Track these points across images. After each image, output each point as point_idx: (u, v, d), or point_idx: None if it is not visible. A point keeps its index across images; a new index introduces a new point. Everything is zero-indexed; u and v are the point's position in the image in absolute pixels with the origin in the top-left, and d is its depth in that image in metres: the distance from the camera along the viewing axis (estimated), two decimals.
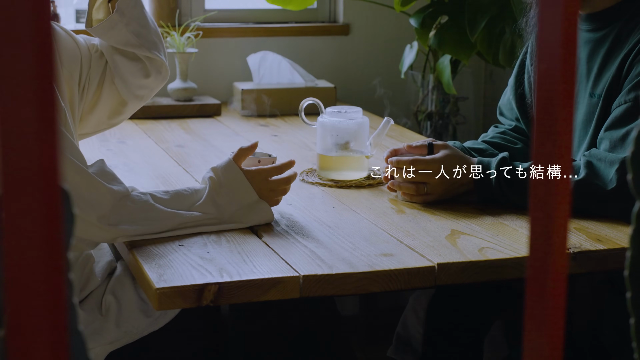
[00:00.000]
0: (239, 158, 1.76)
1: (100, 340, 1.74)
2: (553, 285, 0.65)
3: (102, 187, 1.62)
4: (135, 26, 1.88)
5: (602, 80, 1.90)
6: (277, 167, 1.78)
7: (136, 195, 1.66)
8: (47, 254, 0.55)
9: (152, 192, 1.69)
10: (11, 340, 0.56)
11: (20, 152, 0.54)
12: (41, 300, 0.55)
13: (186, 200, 1.70)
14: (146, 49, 1.90)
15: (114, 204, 1.62)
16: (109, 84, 1.92)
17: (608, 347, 1.86)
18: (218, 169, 1.74)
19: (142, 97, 1.96)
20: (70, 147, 1.63)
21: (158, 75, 1.94)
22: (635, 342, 0.93)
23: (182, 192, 1.72)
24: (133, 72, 1.91)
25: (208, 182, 1.73)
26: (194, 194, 1.72)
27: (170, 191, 1.71)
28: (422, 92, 3.16)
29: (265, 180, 1.76)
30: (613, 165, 1.76)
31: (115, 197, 1.63)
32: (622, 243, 1.67)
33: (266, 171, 1.76)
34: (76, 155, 1.64)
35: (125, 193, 1.64)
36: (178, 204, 1.69)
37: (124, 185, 1.66)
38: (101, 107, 1.93)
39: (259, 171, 1.76)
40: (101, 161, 1.68)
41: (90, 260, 1.78)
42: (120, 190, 1.64)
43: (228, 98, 3.17)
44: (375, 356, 2.94)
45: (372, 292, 1.57)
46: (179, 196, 1.70)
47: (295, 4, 3.03)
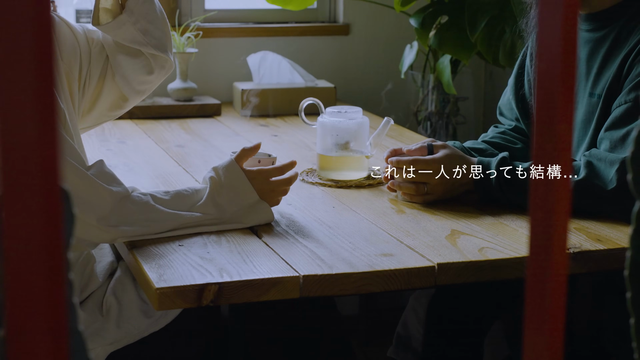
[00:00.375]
0: (241, 158, 1.75)
1: (100, 341, 1.74)
2: (553, 285, 0.65)
3: (101, 188, 1.61)
4: (143, 24, 1.86)
5: (602, 80, 1.90)
6: (278, 167, 1.78)
7: (136, 196, 1.65)
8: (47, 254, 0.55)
9: (153, 193, 1.69)
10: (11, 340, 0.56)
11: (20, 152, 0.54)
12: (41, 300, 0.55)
13: (187, 200, 1.70)
14: (152, 46, 1.88)
15: (113, 205, 1.62)
16: (110, 79, 1.90)
17: (608, 347, 1.86)
18: (219, 169, 1.74)
19: (143, 91, 1.95)
20: (69, 149, 1.63)
21: (161, 70, 1.93)
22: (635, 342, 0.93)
23: (183, 192, 1.71)
24: (136, 70, 1.90)
25: (209, 181, 1.73)
26: (194, 194, 1.71)
27: (170, 191, 1.71)
28: (422, 92, 3.16)
29: (267, 181, 1.75)
30: (613, 165, 1.76)
31: (115, 199, 1.62)
32: (622, 243, 1.67)
33: (267, 172, 1.76)
34: (75, 157, 1.63)
35: (125, 194, 1.63)
36: (179, 204, 1.69)
37: (124, 186, 1.65)
38: (102, 102, 1.91)
39: (260, 171, 1.76)
40: (100, 162, 1.67)
41: (92, 260, 1.78)
42: (119, 191, 1.63)
43: (228, 98, 3.17)
44: (375, 356, 2.94)
45: (372, 292, 1.57)
46: (179, 196, 1.70)
47: (295, 4, 3.03)
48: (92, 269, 1.77)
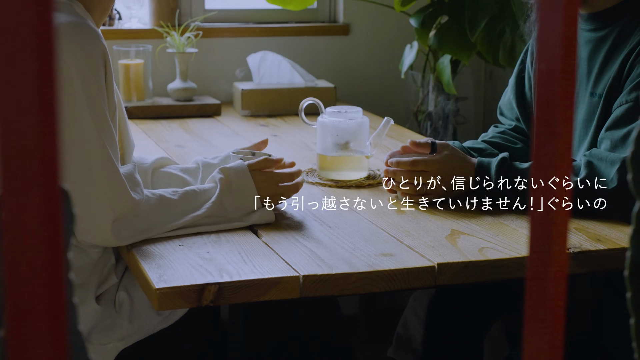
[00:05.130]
0: (255, 166, 1.77)
1: (113, 335, 1.74)
2: (553, 285, 0.65)
3: (127, 191, 1.63)
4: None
5: (603, 80, 1.90)
6: (289, 173, 1.80)
7: (146, 203, 1.66)
8: (47, 254, 0.55)
9: (162, 193, 1.70)
10: (11, 340, 0.56)
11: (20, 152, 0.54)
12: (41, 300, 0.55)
13: (196, 199, 1.72)
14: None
15: (129, 212, 1.63)
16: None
17: (608, 347, 1.86)
18: (230, 171, 1.75)
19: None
20: (111, 143, 1.65)
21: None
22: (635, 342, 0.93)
23: (191, 191, 1.73)
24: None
25: (218, 182, 1.74)
26: (202, 193, 1.73)
27: (179, 191, 1.72)
28: (422, 92, 3.16)
29: (276, 186, 1.78)
30: (614, 165, 1.76)
31: (135, 205, 1.64)
32: (622, 243, 1.67)
33: (279, 176, 1.79)
34: (114, 152, 1.65)
35: (140, 201, 1.66)
36: (187, 204, 1.70)
37: (144, 194, 1.67)
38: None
39: (272, 175, 1.78)
40: (134, 166, 1.70)
41: (111, 258, 1.79)
42: (140, 199, 1.65)
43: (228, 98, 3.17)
44: (375, 356, 2.94)
45: (372, 292, 1.57)
46: (188, 196, 1.72)
47: (295, 4, 3.03)
48: (112, 266, 1.78)
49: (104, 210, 1.61)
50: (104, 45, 1.65)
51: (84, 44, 1.62)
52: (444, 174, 1.87)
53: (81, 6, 1.72)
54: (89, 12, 1.73)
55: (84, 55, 1.61)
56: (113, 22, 3.16)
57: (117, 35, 3.11)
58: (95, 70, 1.62)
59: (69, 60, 1.59)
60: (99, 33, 1.66)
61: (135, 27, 3.16)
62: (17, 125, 0.54)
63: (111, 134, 1.65)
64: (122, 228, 1.63)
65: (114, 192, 1.62)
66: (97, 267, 1.76)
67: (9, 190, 0.54)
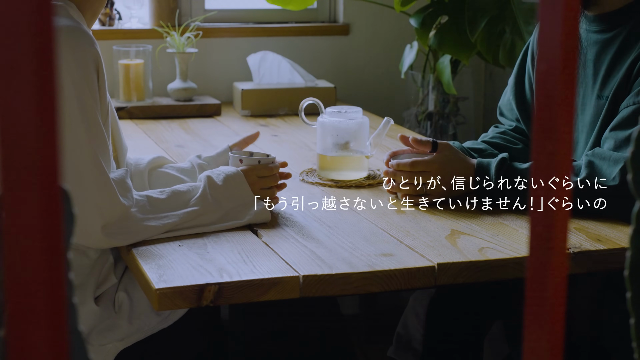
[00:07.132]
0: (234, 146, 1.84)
1: (112, 336, 1.74)
2: (553, 285, 0.65)
3: (116, 197, 1.63)
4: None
5: (611, 82, 1.89)
6: (265, 167, 1.81)
7: (134, 209, 1.66)
8: (47, 254, 0.55)
9: (149, 194, 1.70)
10: (11, 340, 0.56)
11: (20, 152, 0.54)
12: (41, 300, 0.55)
13: (183, 197, 1.72)
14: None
15: (119, 217, 1.63)
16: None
17: (608, 347, 1.86)
18: (213, 174, 1.78)
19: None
20: (102, 147, 1.65)
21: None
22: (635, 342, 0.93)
23: (178, 190, 1.74)
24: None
25: (205, 179, 1.76)
26: (190, 190, 1.74)
27: (166, 190, 1.73)
28: (422, 92, 3.16)
29: (257, 178, 1.79)
30: (617, 164, 1.76)
31: (124, 211, 1.64)
32: (622, 243, 1.67)
33: (257, 169, 1.81)
34: (106, 156, 1.65)
35: (130, 206, 1.66)
36: (175, 201, 1.71)
37: (134, 199, 1.67)
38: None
39: (251, 168, 1.80)
40: (125, 172, 1.70)
41: (110, 259, 1.79)
42: (130, 205, 1.65)
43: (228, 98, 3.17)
44: (375, 356, 2.94)
45: (372, 292, 1.57)
46: (175, 194, 1.72)
47: (295, 4, 3.03)
48: (111, 266, 1.78)
49: (93, 216, 1.61)
50: (96, 50, 1.65)
51: (77, 49, 1.62)
52: (444, 174, 1.87)
53: (75, 8, 1.72)
54: (82, 13, 1.74)
55: (76, 60, 1.61)
56: (113, 22, 3.16)
57: (117, 35, 3.11)
58: (88, 75, 1.62)
59: (61, 65, 1.59)
60: (92, 37, 1.66)
61: (135, 27, 3.16)
62: (17, 126, 0.54)
63: (103, 139, 1.65)
64: (114, 232, 1.64)
65: (103, 199, 1.62)
66: (95, 268, 1.76)
67: (9, 190, 0.54)
